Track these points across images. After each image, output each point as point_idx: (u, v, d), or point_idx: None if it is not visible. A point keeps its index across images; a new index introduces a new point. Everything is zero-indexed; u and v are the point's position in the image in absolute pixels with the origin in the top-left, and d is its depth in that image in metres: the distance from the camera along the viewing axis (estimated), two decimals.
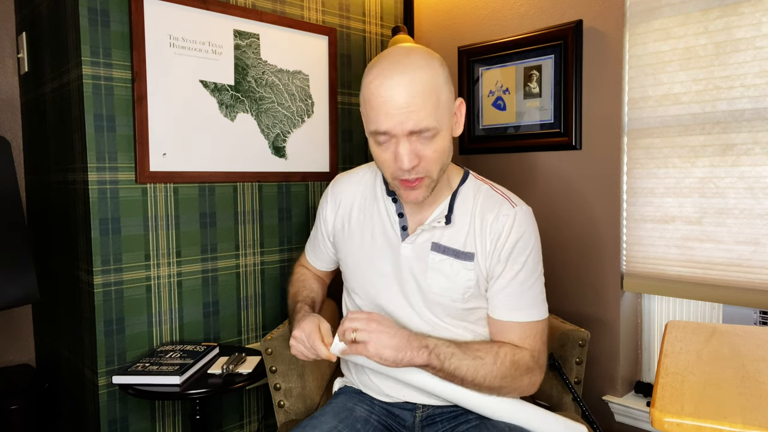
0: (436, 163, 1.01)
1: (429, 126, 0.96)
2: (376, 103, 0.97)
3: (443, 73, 1.00)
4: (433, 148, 0.99)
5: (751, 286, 1.55)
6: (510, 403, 1.07)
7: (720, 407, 0.68)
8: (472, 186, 1.14)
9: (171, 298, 1.74)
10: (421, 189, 1.03)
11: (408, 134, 0.97)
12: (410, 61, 0.97)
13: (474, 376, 1.02)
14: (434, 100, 0.96)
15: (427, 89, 0.95)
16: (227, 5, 1.81)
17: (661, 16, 1.68)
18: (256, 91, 1.91)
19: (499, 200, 1.11)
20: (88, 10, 1.56)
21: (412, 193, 1.04)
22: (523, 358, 1.06)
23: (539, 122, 1.95)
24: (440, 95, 0.98)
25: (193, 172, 1.77)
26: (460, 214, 1.11)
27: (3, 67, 2.10)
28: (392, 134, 0.97)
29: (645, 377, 1.85)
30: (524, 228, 1.09)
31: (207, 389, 1.46)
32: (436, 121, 0.97)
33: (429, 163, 1.00)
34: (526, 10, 1.98)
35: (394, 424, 1.17)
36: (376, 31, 2.28)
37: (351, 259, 1.20)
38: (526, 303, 1.09)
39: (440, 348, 1.01)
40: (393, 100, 0.95)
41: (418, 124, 0.95)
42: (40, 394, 1.93)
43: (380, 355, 0.97)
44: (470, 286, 1.09)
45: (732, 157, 1.57)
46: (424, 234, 1.11)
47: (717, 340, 0.93)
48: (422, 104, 0.95)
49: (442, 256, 1.10)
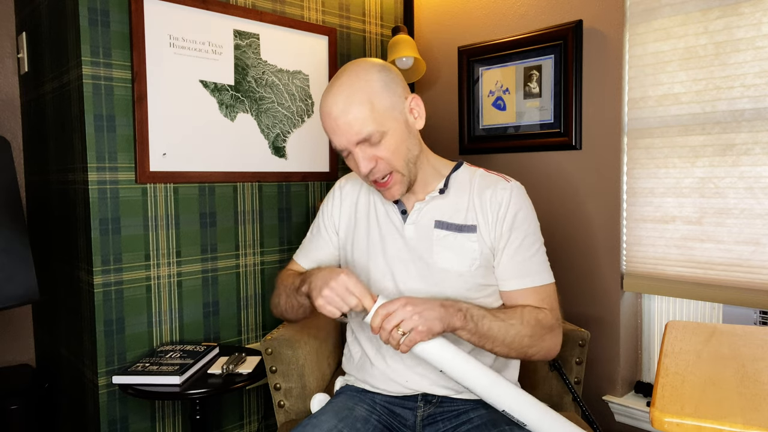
0: (396, 158, 1.09)
1: (370, 132, 1.05)
2: (325, 124, 1.09)
3: (379, 79, 1.07)
4: (384, 148, 1.07)
5: (751, 286, 1.55)
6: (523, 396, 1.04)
7: (720, 407, 0.68)
8: (466, 170, 1.21)
9: (171, 298, 1.74)
10: (395, 186, 1.12)
11: (356, 144, 1.06)
12: (343, 78, 1.08)
13: (504, 336, 1.04)
14: (368, 107, 1.05)
15: (357, 100, 1.04)
16: (227, 5, 1.81)
17: (661, 16, 1.68)
18: (256, 91, 1.91)
19: (495, 178, 1.18)
20: (88, 10, 1.56)
21: (388, 192, 1.13)
22: (546, 317, 1.10)
23: (539, 122, 1.95)
24: (375, 101, 1.05)
25: (193, 172, 1.77)
26: (457, 190, 1.17)
27: (3, 67, 2.10)
28: (345, 148, 1.08)
29: (645, 377, 1.85)
30: (522, 200, 1.15)
31: (207, 389, 1.46)
32: (377, 126, 1.05)
33: (388, 161, 1.08)
34: (526, 10, 1.98)
35: (395, 423, 1.17)
36: (376, 31, 2.28)
37: (358, 251, 1.22)
38: (535, 268, 1.13)
39: (472, 310, 1.03)
40: (333, 119, 1.06)
41: (360, 134, 1.05)
42: (40, 394, 1.93)
43: (432, 331, 0.97)
44: (476, 257, 1.13)
45: (732, 157, 1.57)
46: (425, 212, 1.16)
47: (717, 340, 0.93)
48: (359, 115, 1.04)
49: (446, 231, 1.14)
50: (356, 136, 1.05)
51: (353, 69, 1.09)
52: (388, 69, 1.10)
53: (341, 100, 1.05)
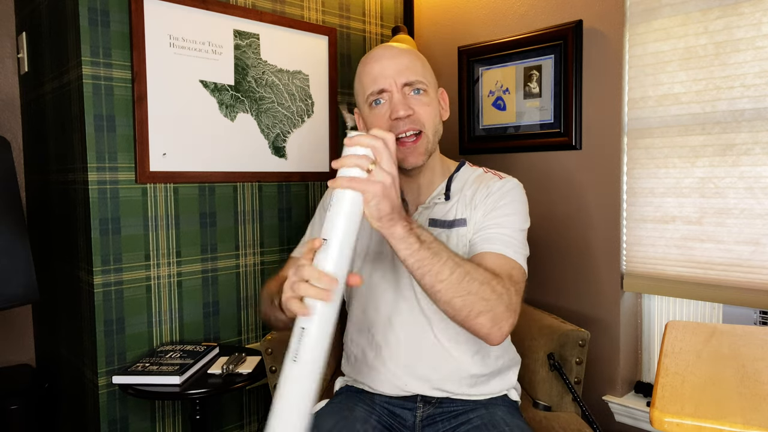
0: (428, 120, 1.09)
1: (420, 79, 1.08)
2: (370, 68, 1.09)
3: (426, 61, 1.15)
4: (424, 103, 1.09)
5: (751, 286, 1.55)
6: None
7: (720, 407, 0.68)
8: (468, 170, 1.22)
9: (171, 298, 1.74)
10: (420, 149, 1.09)
11: (401, 87, 1.07)
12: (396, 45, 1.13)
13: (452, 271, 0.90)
14: (421, 64, 1.11)
15: (414, 56, 1.10)
16: (227, 5, 1.81)
17: (661, 16, 1.68)
18: (256, 91, 1.91)
19: (490, 176, 1.18)
20: (88, 10, 1.56)
21: (413, 154, 1.09)
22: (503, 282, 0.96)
23: (539, 122, 1.95)
24: (425, 67, 1.12)
25: (193, 172, 1.77)
26: (456, 190, 1.17)
27: (3, 67, 2.10)
28: (387, 89, 1.07)
29: (645, 377, 1.85)
30: (514, 191, 1.13)
31: (207, 389, 1.46)
32: (425, 80, 1.09)
33: (422, 117, 1.08)
34: (526, 10, 1.98)
35: (395, 423, 1.17)
36: (376, 31, 2.28)
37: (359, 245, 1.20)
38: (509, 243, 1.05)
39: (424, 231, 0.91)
40: (385, 61, 1.08)
41: (410, 77, 1.07)
42: (40, 394, 1.93)
43: (378, 205, 0.83)
44: (467, 252, 1.11)
45: (732, 157, 1.57)
46: (424, 213, 1.16)
47: (717, 340, 0.93)
48: (411, 63, 1.08)
49: (439, 229, 1.14)
50: (406, 78, 1.07)
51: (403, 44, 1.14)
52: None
53: (395, 50, 1.09)
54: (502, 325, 0.94)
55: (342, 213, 0.83)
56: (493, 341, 0.96)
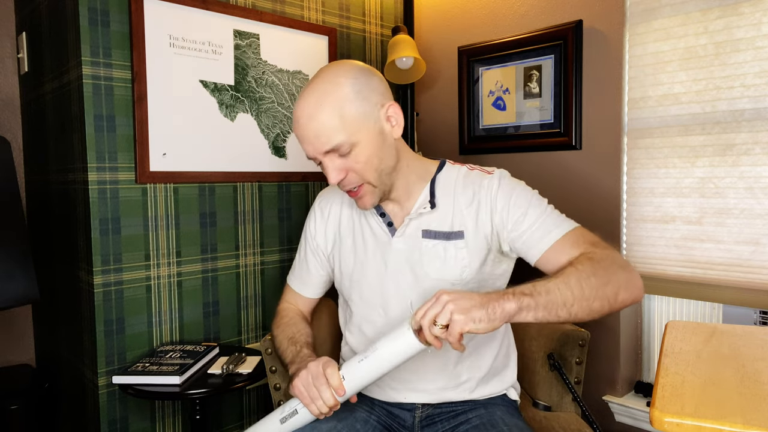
0: (367, 170, 1.04)
1: (339, 142, 1.00)
2: (294, 130, 1.05)
3: (352, 85, 1.01)
4: (354, 160, 1.03)
5: (751, 286, 1.55)
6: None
7: (720, 407, 0.68)
8: (450, 171, 1.16)
9: (171, 298, 1.74)
10: (366, 196, 1.08)
11: (324, 154, 1.02)
12: (315, 82, 1.03)
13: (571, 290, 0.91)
14: (337, 116, 1.00)
15: (326, 107, 0.99)
16: (227, 5, 1.81)
17: (661, 16, 1.68)
18: (256, 91, 1.91)
19: (477, 174, 1.13)
20: (88, 10, 1.56)
21: (359, 202, 1.10)
22: (595, 252, 0.99)
23: (539, 122, 1.95)
24: (345, 109, 1.00)
25: (193, 172, 1.77)
26: (443, 196, 1.13)
27: (3, 67, 2.10)
28: (315, 157, 1.04)
29: (645, 377, 1.85)
30: (510, 183, 1.11)
31: (207, 389, 1.45)
32: (347, 136, 1.00)
33: (359, 173, 1.04)
34: (526, 10, 1.98)
35: (394, 424, 1.17)
36: (376, 31, 2.28)
37: (346, 267, 1.20)
38: (553, 222, 1.06)
39: (519, 288, 0.91)
40: (302, 126, 1.02)
41: (327, 144, 1.01)
42: (40, 394, 1.93)
43: (473, 319, 0.85)
44: (465, 264, 1.09)
45: (732, 157, 1.57)
46: (413, 223, 1.12)
47: (717, 340, 0.93)
48: (322, 127, 1.00)
49: (435, 240, 1.11)
50: (324, 146, 1.01)
51: (326, 73, 1.04)
52: (365, 74, 1.04)
53: (310, 105, 1.00)
54: (632, 281, 0.97)
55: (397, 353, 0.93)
56: (641, 298, 1.00)
